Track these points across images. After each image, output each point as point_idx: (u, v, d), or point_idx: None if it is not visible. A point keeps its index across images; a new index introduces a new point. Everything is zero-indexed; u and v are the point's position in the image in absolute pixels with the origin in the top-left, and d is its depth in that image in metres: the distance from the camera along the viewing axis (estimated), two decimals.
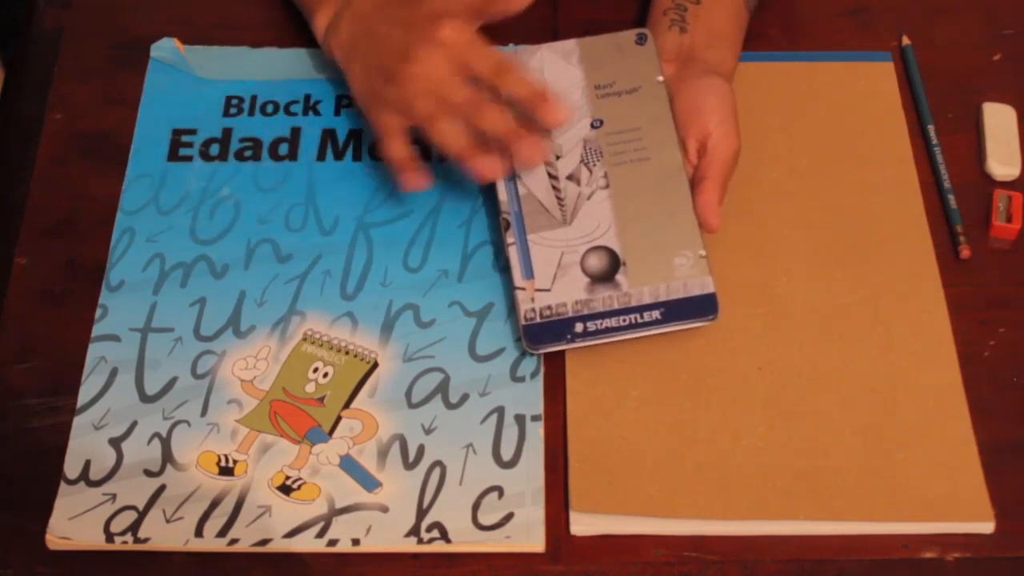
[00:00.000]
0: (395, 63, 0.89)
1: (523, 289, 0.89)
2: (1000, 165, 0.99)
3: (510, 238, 0.90)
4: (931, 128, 1.01)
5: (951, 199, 0.97)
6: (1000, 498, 0.85)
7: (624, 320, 0.87)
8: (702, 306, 0.88)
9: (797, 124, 1.01)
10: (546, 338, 0.87)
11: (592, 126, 0.93)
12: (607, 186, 0.91)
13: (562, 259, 0.89)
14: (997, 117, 1.01)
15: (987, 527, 0.84)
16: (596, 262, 0.89)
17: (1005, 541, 0.84)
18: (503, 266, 0.93)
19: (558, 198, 0.91)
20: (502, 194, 0.92)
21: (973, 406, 0.88)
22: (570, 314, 0.88)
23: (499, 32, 0.90)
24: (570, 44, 0.96)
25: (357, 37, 0.93)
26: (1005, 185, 0.99)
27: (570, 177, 0.92)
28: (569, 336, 0.87)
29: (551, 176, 0.92)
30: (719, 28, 0.97)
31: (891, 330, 0.91)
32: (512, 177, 0.92)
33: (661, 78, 0.94)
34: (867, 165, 0.99)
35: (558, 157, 0.93)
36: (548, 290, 0.88)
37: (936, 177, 0.99)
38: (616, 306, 0.88)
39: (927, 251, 0.95)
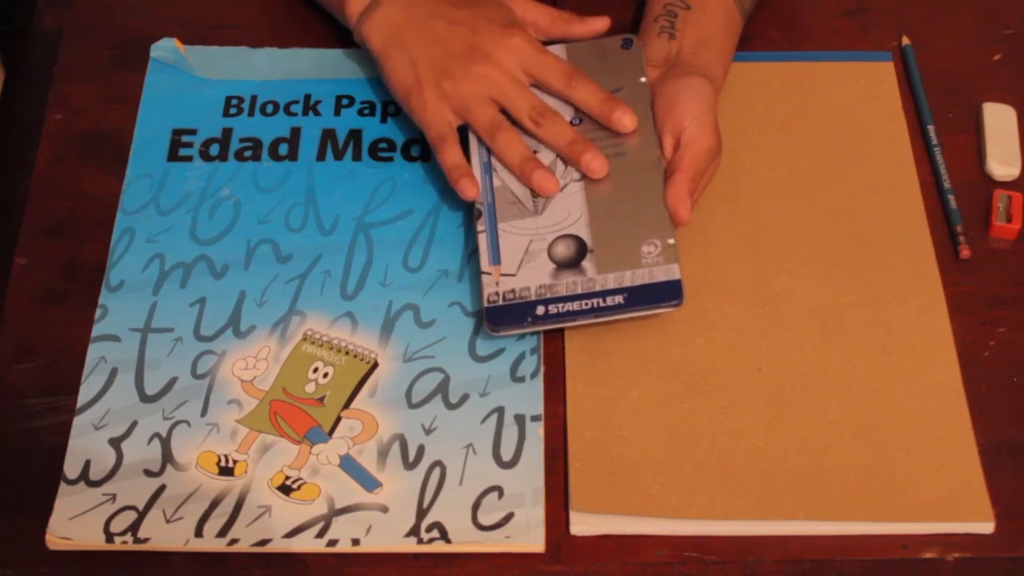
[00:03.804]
0: (457, 61, 0.92)
1: (489, 274, 0.89)
2: (1000, 165, 0.99)
3: (480, 226, 0.91)
4: (931, 128, 1.01)
5: (951, 199, 0.97)
6: (1000, 498, 0.85)
7: (587, 304, 0.87)
8: (666, 292, 0.87)
9: (797, 124, 1.01)
10: (507, 320, 0.88)
11: (572, 123, 0.93)
12: (581, 179, 0.92)
13: (530, 246, 0.90)
14: (997, 117, 1.01)
15: (987, 527, 0.84)
16: (563, 249, 0.89)
17: (1005, 541, 0.84)
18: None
19: (531, 190, 0.92)
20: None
21: (973, 406, 0.88)
22: (533, 298, 0.88)
23: None
24: (557, 49, 0.96)
25: (404, 27, 0.95)
26: (1005, 185, 0.99)
27: None
28: (530, 319, 0.88)
29: None
30: (709, 34, 0.97)
31: (891, 330, 0.91)
32: (487, 170, 0.93)
33: (644, 79, 0.94)
34: (867, 165, 0.99)
35: (536, 152, 0.93)
36: (513, 275, 0.89)
37: (936, 177, 0.99)
38: (580, 291, 0.88)
39: (927, 251, 0.95)
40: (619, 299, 0.87)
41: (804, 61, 1.04)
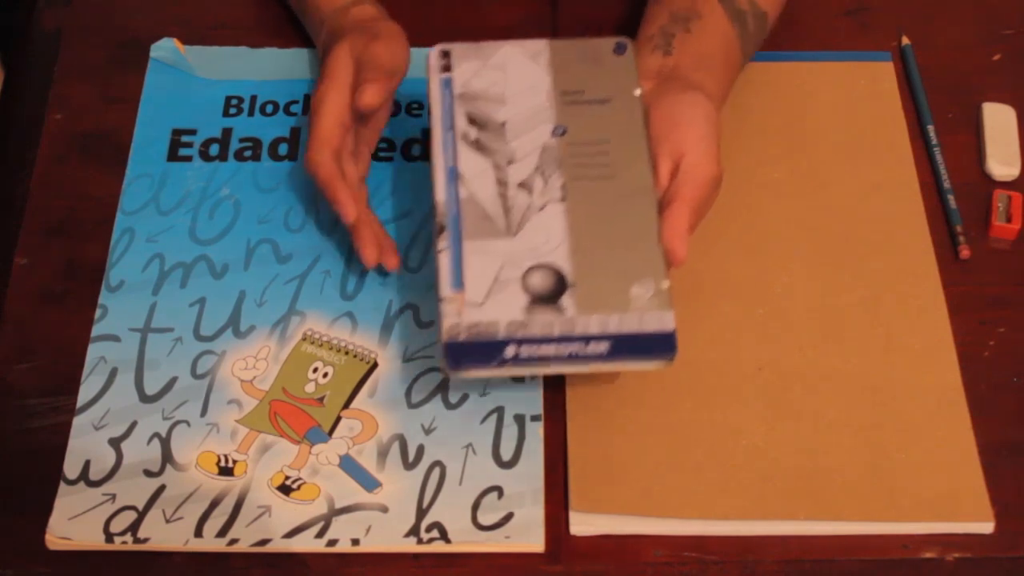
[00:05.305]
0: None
1: (450, 301, 0.78)
2: (1000, 165, 0.99)
3: (442, 243, 0.79)
4: (931, 128, 1.01)
5: (951, 199, 0.97)
6: (1000, 498, 0.85)
7: (565, 350, 0.76)
8: (657, 345, 0.76)
9: (797, 124, 1.01)
10: (470, 360, 0.76)
11: (553, 134, 0.83)
12: (563, 199, 0.81)
13: (501, 272, 0.78)
14: (997, 117, 1.01)
15: (987, 527, 0.84)
16: (539, 280, 0.78)
17: (1005, 541, 0.84)
18: None
19: (504, 206, 0.81)
20: (440, 195, 0.81)
21: (973, 406, 0.88)
22: (501, 335, 0.76)
23: (497, 32, 0.90)
24: (540, 44, 0.86)
25: None
26: (1005, 185, 0.99)
27: (521, 185, 0.81)
28: (498, 361, 0.76)
29: (499, 182, 0.81)
30: (709, 52, 0.91)
31: (891, 330, 0.91)
32: (453, 177, 0.82)
33: (638, 91, 0.84)
34: (867, 165, 0.99)
35: (510, 162, 0.82)
36: (479, 304, 0.77)
37: (936, 177, 0.99)
38: (557, 333, 0.76)
39: (927, 251, 0.95)
40: (603, 348, 0.76)
41: (804, 61, 1.04)
